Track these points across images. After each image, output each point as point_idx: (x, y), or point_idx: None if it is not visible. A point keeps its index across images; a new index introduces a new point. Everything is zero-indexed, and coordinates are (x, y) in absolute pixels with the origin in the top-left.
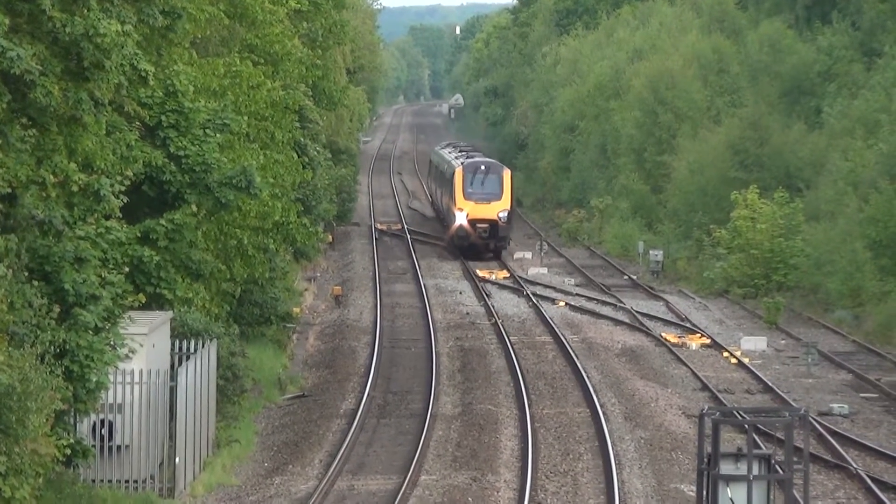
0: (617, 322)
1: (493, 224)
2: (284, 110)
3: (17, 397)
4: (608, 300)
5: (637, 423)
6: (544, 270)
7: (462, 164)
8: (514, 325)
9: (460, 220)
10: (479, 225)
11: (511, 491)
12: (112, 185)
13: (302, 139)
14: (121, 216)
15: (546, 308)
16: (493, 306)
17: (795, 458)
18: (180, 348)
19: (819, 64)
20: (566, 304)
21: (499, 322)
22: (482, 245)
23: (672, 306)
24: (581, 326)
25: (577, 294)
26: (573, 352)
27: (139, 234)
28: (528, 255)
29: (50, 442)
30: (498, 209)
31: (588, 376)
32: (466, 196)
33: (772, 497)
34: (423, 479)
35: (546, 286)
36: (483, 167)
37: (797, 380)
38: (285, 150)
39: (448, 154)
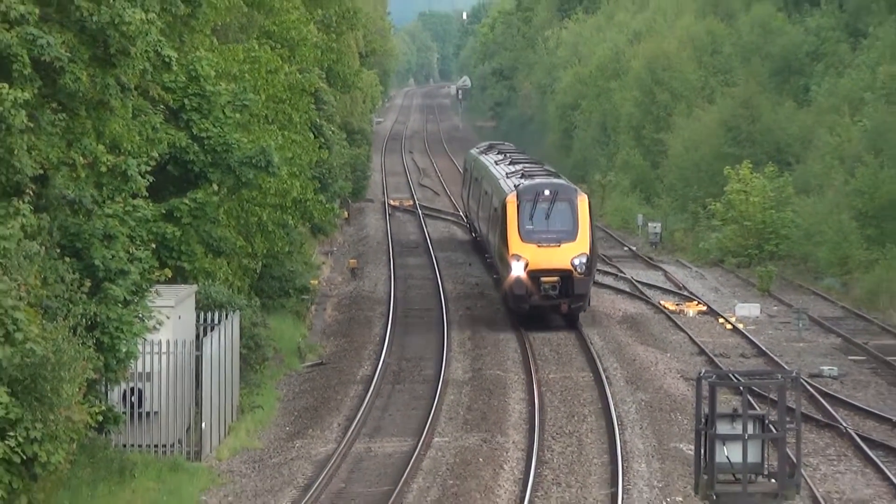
0: (618, 291)
1: (565, 276)
2: (301, 93)
3: (51, 367)
4: (609, 270)
5: (638, 386)
6: None
7: (516, 188)
8: None
9: (517, 272)
10: (544, 279)
11: (519, 451)
12: (138, 166)
13: (318, 120)
14: (147, 195)
15: None
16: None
17: (788, 418)
18: (205, 320)
19: (807, 45)
20: None
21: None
22: (549, 307)
23: (670, 276)
24: None
25: None
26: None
27: (164, 212)
28: None
29: (83, 409)
30: (572, 254)
31: (591, 342)
32: (524, 236)
33: (766, 455)
34: (436, 441)
35: None
36: (547, 191)
37: (789, 344)
38: (302, 131)
39: (491, 163)
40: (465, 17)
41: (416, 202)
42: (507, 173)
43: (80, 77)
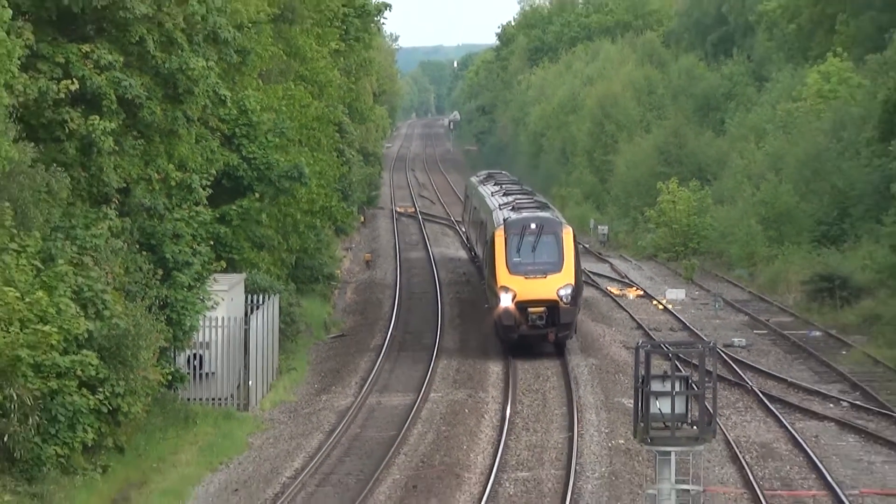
0: None
1: (551, 307)
2: (327, 123)
3: (132, 338)
4: None
5: (589, 353)
6: None
7: (504, 221)
8: None
9: (505, 303)
10: (531, 310)
11: (497, 403)
12: (200, 180)
13: (340, 145)
14: (206, 203)
15: None
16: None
17: (707, 379)
18: (252, 300)
19: (722, 87)
20: None
21: None
22: (537, 336)
23: (615, 267)
24: None
25: None
26: None
27: (219, 216)
28: None
29: (156, 371)
30: (558, 285)
31: None
32: (512, 269)
33: (689, 407)
34: (432, 396)
35: None
36: (533, 225)
37: (707, 320)
38: (328, 153)
39: (488, 194)
40: (455, 65)
41: (417, 209)
42: (500, 205)
43: (155, 111)
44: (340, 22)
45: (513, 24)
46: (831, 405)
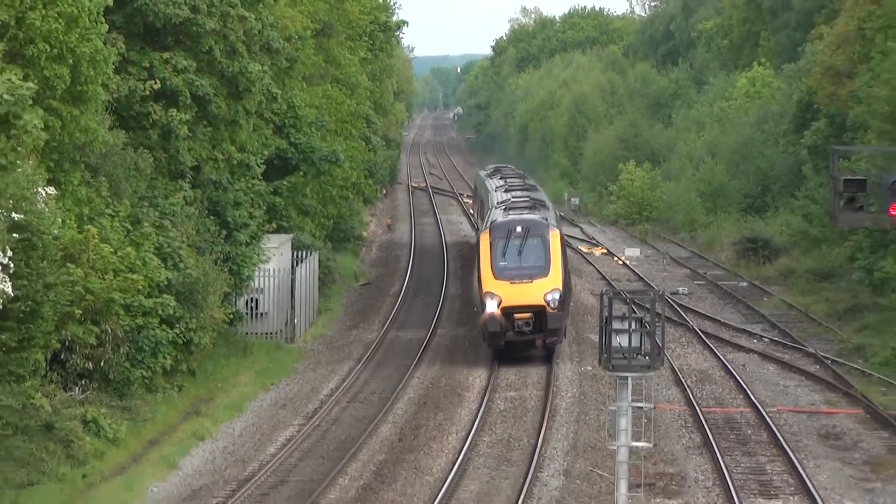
0: None
1: (538, 312)
2: (357, 117)
3: (201, 285)
4: None
5: None
6: None
7: (490, 225)
8: None
9: (490, 309)
10: (517, 316)
11: None
12: (256, 160)
13: (368, 133)
14: (261, 178)
15: None
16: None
17: (656, 319)
18: (297, 255)
19: (670, 89)
20: None
21: None
22: (524, 343)
23: (584, 231)
24: None
25: None
26: None
27: (271, 189)
28: None
29: (221, 311)
30: (544, 290)
31: None
32: (497, 274)
33: (642, 342)
34: (439, 332)
35: None
36: (519, 228)
37: (657, 273)
38: (358, 141)
39: (492, 189)
40: (458, 70)
41: (428, 184)
42: (496, 202)
43: (220, 105)
44: (368, 36)
45: (504, 38)
46: (755, 340)
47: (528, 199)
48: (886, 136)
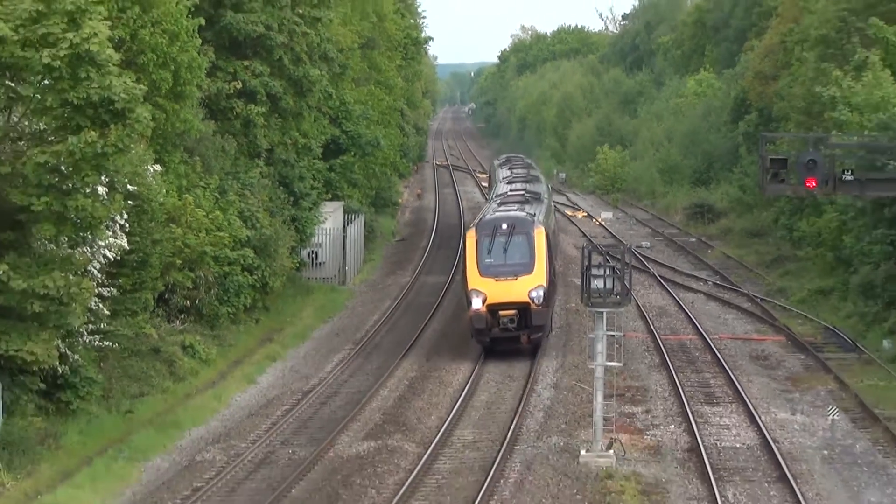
0: None
1: (523, 309)
2: (394, 111)
3: (274, 241)
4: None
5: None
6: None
7: (477, 223)
8: None
9: (476, 306)
10: (502, 313)
11: None
12: (316, 144)
13: (402, 123)
14: (320, 158)
15: None
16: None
17: (625, 267)
18: (347, 218)
19: (636, 88)
20: None
21: None
22: (510, 339)
23: (570, 198)
24: None
25: None
26: None
27: (328, 167)
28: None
29: (289, 260)
30: (529, 287)
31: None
32: (483, 271)
33: (614, 285)
34: (456, 278)
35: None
36: (505, 225)
37: (626, 231)
38: (394, 129)
39: (498, 179)
40: (472, 74)
41: (449, 162)
42: (496, 194)
43: (288, 102)
44: (402, 48)
45: (507, 49)
46: (701, 283)
47: (523, 192)
48: (802, 125)
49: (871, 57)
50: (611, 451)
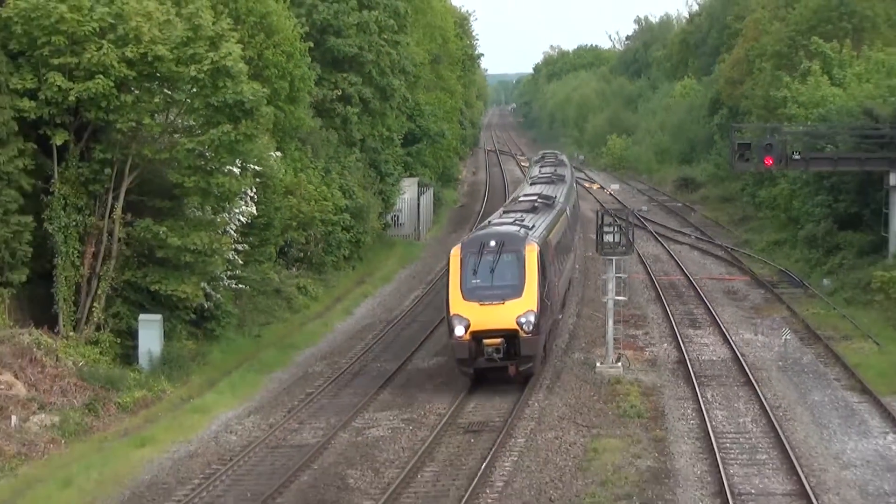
0: None
1: (510, 336)
2: (455, 110)
3: (366, 208)
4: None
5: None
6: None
7: (463, 240)
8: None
9: (458, 333)
10: (486, 341)
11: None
12: (397, 136)
13: (461, 119)
14: (400, 146)
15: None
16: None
17: (629, 225)
18: (420, 190)
19: (637, 91)
20: None
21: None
22: (496, 370)
23: (586, 174)
24: None
25: None
26: None
27: (406, 153)
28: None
29: (377, 222)
30: (517, 312)
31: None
32: (467, 294)
33: (621, 238)
34: None
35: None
36: (493, 243)
37: (631, 198)
38: (455, 124)
39: (528, 176)
40: (514, 82)
41: (496, 148)
42: (511, 198)
43: (376, 104)
44: (461, 63)
45: (540, 63)
46: (686, 237)
47: (535, 197)
48: (762, 118)
49: (812, 66)
50: (619, 364)
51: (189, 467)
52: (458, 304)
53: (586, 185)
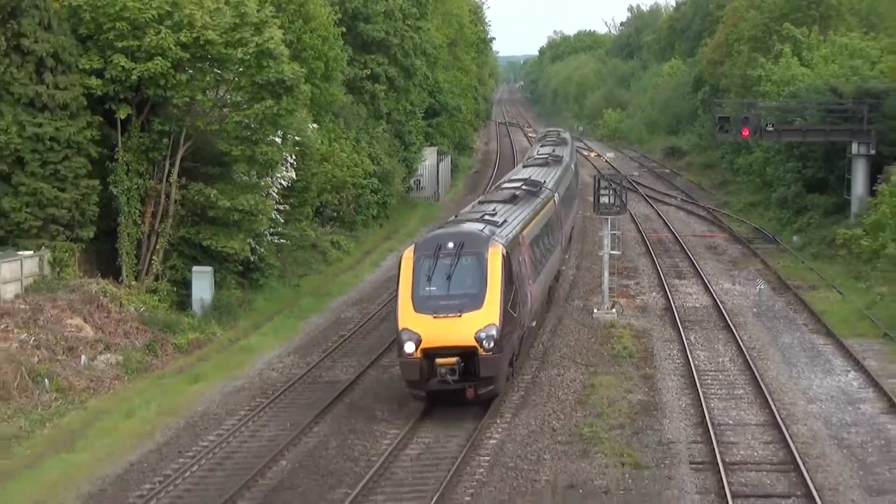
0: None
1: (468, 355)
2: (470, 87)
3: (391, 173)
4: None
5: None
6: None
7: (416, 241)
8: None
9: (408, 350)
10: (440, 361)
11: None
12: (419, 110)
13: (476, 95)
14: (421, 119)
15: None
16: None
17: (622, 188)
18: (440, 157)
19: (629, 70)
20: None
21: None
22: (452, 392)
23: (585, 143)
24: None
25: None
26: None
27: (426, 124)
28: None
29: (401, 185)
30: (476, 326)
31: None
32: (418, 305)
33: (615, 200)
34: None
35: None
36: (451, 244)
37: (623, 164)
38: (470, 99)
39: (529, 153)
40: (521, 62)
41: (506, 120)
42: (501, 184)
43: (400, 82)
44: (475, 45)
45: (544, 46)
46: (673, 199)
47: (519, 184)
48: (739, 94)
49: (784, 49)
50: (614, 310)
51: (236, 400)
52: (408, 316)
53: (585, 153)
